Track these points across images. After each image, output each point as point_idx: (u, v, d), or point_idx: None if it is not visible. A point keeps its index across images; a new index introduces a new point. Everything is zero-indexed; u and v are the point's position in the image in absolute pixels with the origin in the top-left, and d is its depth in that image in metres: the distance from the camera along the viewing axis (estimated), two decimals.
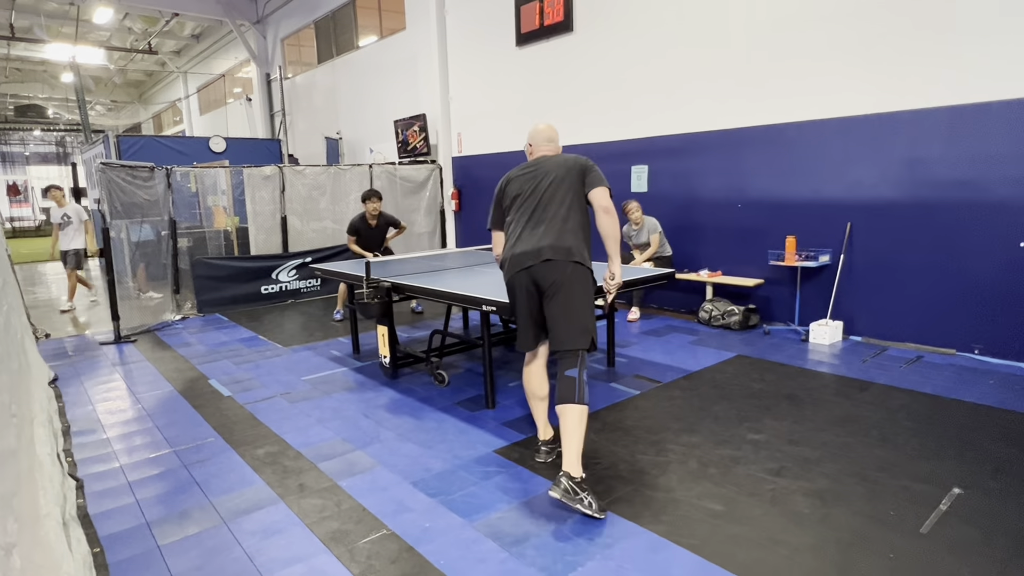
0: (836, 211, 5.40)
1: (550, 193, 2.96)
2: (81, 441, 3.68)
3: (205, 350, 5.71)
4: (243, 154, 11.23)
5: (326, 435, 3.64)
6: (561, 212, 2.93)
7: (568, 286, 2.84)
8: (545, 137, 3.16)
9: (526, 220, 2.99)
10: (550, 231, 2.89)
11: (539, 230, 2.92)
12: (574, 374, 2.78)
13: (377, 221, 6.39)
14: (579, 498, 2.59)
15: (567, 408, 2.75)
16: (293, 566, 2.37)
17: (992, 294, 4.63)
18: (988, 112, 4.51)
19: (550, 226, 2.91)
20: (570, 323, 2.83)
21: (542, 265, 2.86)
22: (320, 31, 12.95)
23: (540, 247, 2.87)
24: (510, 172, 3.17)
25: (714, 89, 6.15)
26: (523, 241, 2.94)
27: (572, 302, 2.84)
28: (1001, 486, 2.80)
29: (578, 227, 2.94)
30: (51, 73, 21.37)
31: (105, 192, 6.18)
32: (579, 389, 2.76)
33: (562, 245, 2.86)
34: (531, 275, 2.90)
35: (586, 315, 2.86)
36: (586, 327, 2.84)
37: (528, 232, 2.95)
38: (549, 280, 2.86)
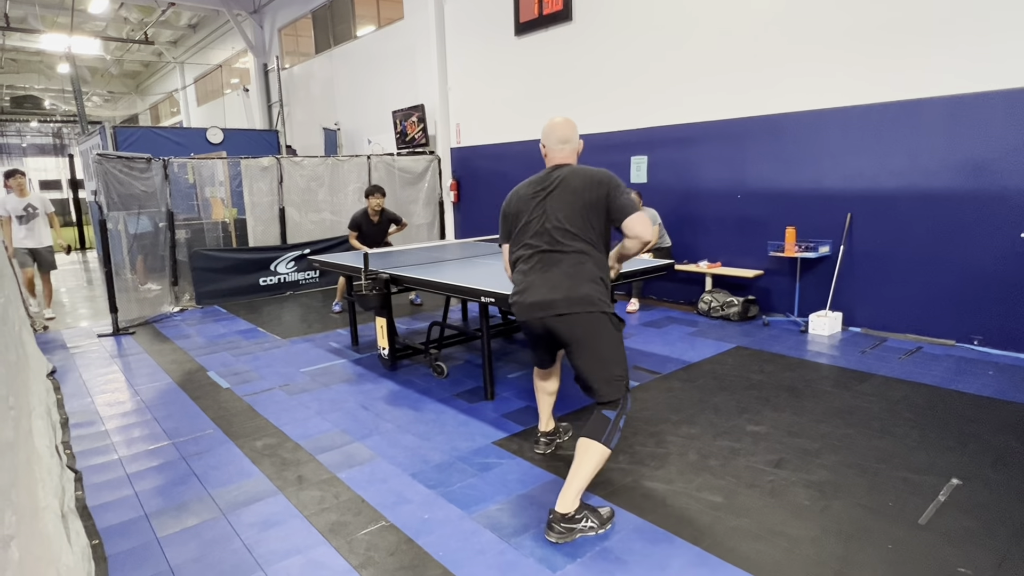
0: (836, 202, 5.38)
1: (563, 227, 2.52)
2: (80, 433, 3.67)
3: (204, 342, 5.70)
4: (241, 145, 11.18)
5: (325, 427, 3.63)
6: (575, 251, 2.51)
7: (593, 339, 2.48)
8: (558, 137, 2.65)
9: (536, 259, 2.58)
10: (564, 278, 2.49)
11: (551, 274, 2.52)
12: (611, 415, 2.46)
13: (379, 217, 6.37)
14: (577, 529, 2.42)
15: (590, 444, 2.42)
16: (292, 557, 2.37)
17: (992, 285, 4.62)
18: (988, 101, 4.48)
19: (563, 271, 2.50)
20: (601, 375, 2.49)
21: (556, 320, 2.50)
22: (317, 21, 12.84)
23: (553, 299, 2.48)
24: (518, 187, 2.74)
25: (714, 79, 6.10)
26: (534, 288, 2.55)
27: (600, 354, 2.49)
28: (1000, 477, 2.80)
29: (596, 267, 2.53)
30: (47, 64, 21.22)
31: (102, 183, 6.15)
32: (610, 432, 2.44)
33: (577, 295, 2.47)
34: (545, 325, 2.56)
35: (617, 364, 2.50)
36: (618, 375, 2.50)
37: (539, 275, 2.55)
38: (568, 334, 2.51)
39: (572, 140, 2.68)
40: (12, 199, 6.53)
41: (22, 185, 6.63)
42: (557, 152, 2.67)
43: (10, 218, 6.43)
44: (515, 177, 9.84)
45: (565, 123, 2.69)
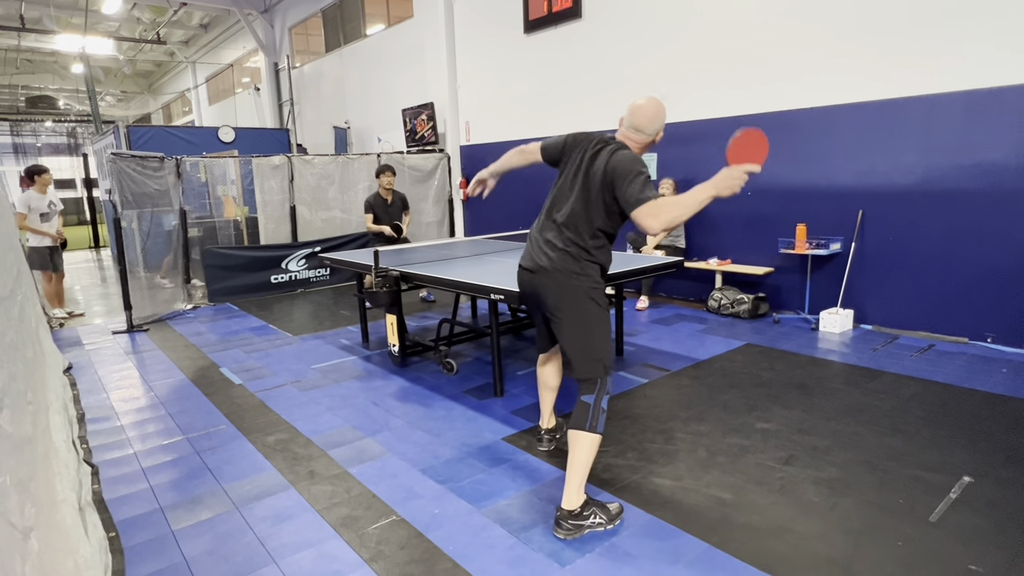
0: (848, 199, 5.34)
1: (581, 197, 2.47)
2: (96, 428, 3.73)
3: (216, 339, 5.76)
4: (252, 144, 11.26)
5: (336, 423, 3.67)
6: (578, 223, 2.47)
7: (568, 309, 2.49)
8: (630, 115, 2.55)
9: (545, 220, 2.59)
10: (558, 246, 2.49)
11: (548, 237, 2.53)
12: (590, 400, 2.46)
13: (392, 197, 6.45)
14: (586, 526, 2.43)
15: (577, 435, 2.45)
16: (304, 551, 2.40)
17: (1006, 282, 4.58)
18: (1002, 97, 4.43)
19: (561, 238, 2.49)
20: (579, 349, 2.49)
21: (541, 283, 2.53)
22: (327, 19, 12.90)
23: (541, 265, 2.51)
24: (590, 134, 2.61)
25: (724, 75, 6.08)
26: (531, 251, 2.60)
27: (573, 328, 2.49)
28: (1013, 475, 2.78)
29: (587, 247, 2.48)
30: (61, 64, 21.45)
31: (116, 182, 6.22)
32: (592, 416, 2.44)
33: (566, 266, 2.47)
34: (533, 287, 2.59)
35: (597, 342, 2.48)
36: (596, 355, 2.48)
37: (538, 236, 2.58)
38: (546, 301, 2.54)
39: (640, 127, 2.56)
40: (35, 196, 6.47)
41: (48, 183, 6.55)
42: (624, 129, 2.60)
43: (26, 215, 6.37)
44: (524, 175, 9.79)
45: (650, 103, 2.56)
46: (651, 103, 2.56)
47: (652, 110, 2.55)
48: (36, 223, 6.46)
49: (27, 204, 6.40)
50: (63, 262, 6.93)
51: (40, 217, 6.48)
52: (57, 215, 6.69)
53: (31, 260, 6.32)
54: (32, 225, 6.42)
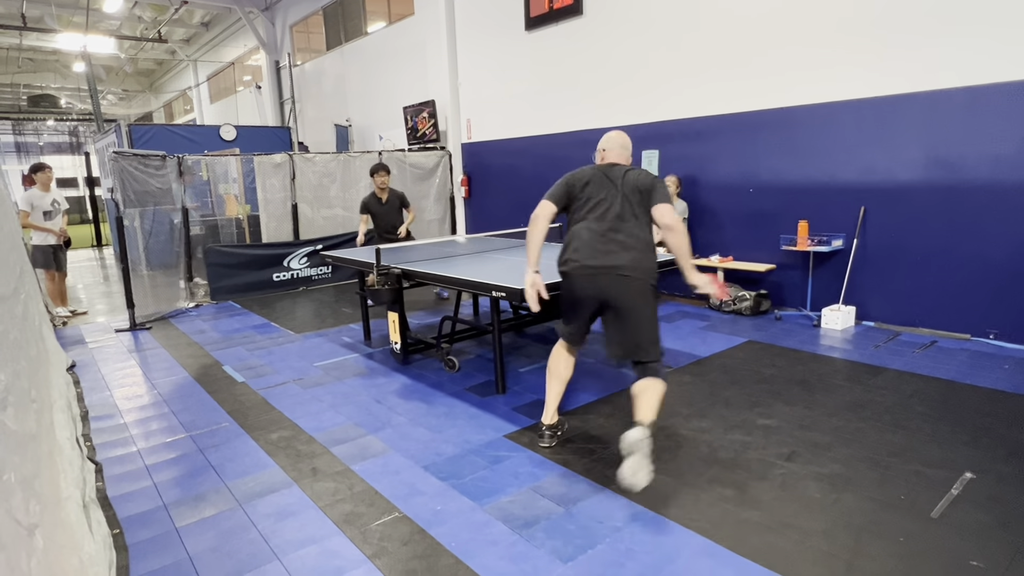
0: (849, 195, 5.33)
1: (629, 208, 2.95)
2: (99, 426, 3.75)
3: (219, 337, 5.78)
4: (253, 142, 11.27)
5: (338, 420, 3.68)
6: (637, 229, 2.94)
7: (643, 304, 2.90)
8: (619, 144, 3.15)
9: (601, 228, 2.95)
10: (629, 248, 2.90)
11: (615, 244, 2.91)
12: (659, 370, 2.91)
13: (387, 196, 6.35)
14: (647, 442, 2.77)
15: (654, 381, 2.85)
16: (307, 547, 2.41)
17: (1008, 278, 4.57)
18: (1007, 93, 4.42)
19: (628, 242, 2.91)
20: (650, 337, 2.92)
21: (617, 280, 2.87)
22: (328, 17, 12.89)
23: (618, 264, 2.87)
24: (584, 168, 3.12)
25: (726, 72, 6.06)
26: (599, 253, 2.91)
27: (646, 318, 2.92)
28: (1014, 471, 2.78)
29: (650, 246, 2.98)
30: (63, 63, 21.47)
31: (118, 181, 6.24)
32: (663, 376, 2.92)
33: (642, 265, 2.90)
34: (600, 286, 2.90)
35: (657, 329, 2.97)
36: (657, 339, 2.96)
37: (602, 243, 2.92)
38: (623, 297, 2.88)
39: (629, 148, 3.18)
40: (37, 194, 6.44)
41: (50, 180, 6.51)
42: (616, 153, 3.13)
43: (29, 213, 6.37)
44: (526, 171, 9.79)
45: (624, 135, 3.19)
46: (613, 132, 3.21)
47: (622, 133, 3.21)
48: (39, 221, 6.47)
49: (30, 202, 6.41)
50: (66, 262, 6.94)
51: (44, 215, 6.49)
52: (61, 213, 6.69)
53: (34, 259, 6.35)
54: (35, 223, 6.43)
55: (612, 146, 3.15)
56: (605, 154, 3.16)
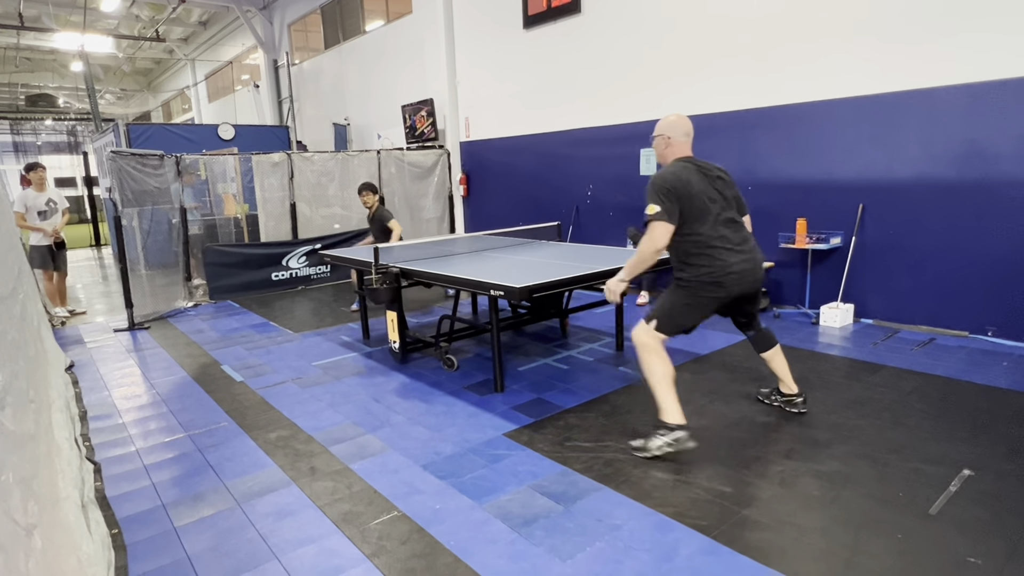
0: (848, 192, 5.33)
1: (736, 205, 3.09)
2: (98, 426, 3.75)
3: (217, 336, 5.77)
4: (252, 141, 11.25)
5: (337, 419, 3.68)
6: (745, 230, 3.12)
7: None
8: (684, 131, 3.04)
9: (730, 231, 3.00)
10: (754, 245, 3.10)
11: (747, 244, 3.04)
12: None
13: (371, 214, 6.41)
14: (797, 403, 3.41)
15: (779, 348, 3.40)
16: (306, 547, 2.41)
17: (1006, 275, 4.57)
18: (1004, 90, 4.42)
19: (750, 239, 3.09)
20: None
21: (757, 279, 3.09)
22: (326, 16, 12.87)
23: (756, 265, 3.05)
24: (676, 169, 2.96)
25: (724, 70, 6.06)
26: (742, 257, 2.98)
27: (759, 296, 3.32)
28: (1013, 468, 2.79)
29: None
30: (60, 62, 21.43)
31: (116, 180, 6.23)
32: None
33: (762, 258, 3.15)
34: (746, 287, 3.04)
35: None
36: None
37: (738, 246, 2.99)
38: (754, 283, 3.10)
39: (692, 135, 3.08)
40: (31, 194, 6.44)
41: (43, 179, 6.51)
42: (684, 143, 3.06)
43: (24, 214, 6.34)
44: (524, 170, 9.78)
45: (686, 120, 3.08)
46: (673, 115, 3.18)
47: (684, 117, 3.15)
48: (34, 222, 6.44)
49: (23, 203, 6.39)
50: (66, 262, 6.93)
51: (38, 215, 6.46)
52: (60, 212, 6.67)
53: (32, 259, 6.34)
54: (30, 223, 6.41)
55: (677, 133, 3.05)
56: (670, 142, 3.05)
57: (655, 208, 2.87)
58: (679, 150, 3.05)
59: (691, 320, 3.09)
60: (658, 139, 3.11)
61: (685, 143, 3.05)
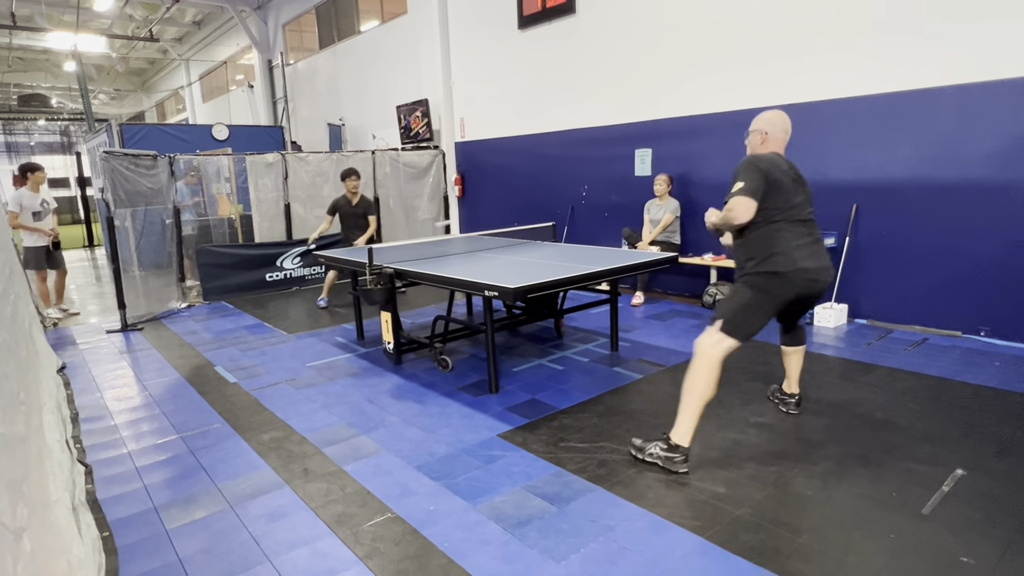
0: (842, 193, 5.35)
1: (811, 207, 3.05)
2: (89, 428, 3.72)
3: (211, 337, 5.75)
4: (246, 141, 11.21)
5: (331, 420, 3.67)
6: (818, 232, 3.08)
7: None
8: (783, 128, 3.03)
9: (806, 230, 2.97)
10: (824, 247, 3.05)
11: (819, 245, 3.00)
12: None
13: (357, 199, 6.55)
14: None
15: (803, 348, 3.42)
16: (299, 549, 2.40)
17: (999, 276, 4.59)
18: (997, 92, 4.44)
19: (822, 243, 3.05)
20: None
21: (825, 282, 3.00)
22: (321, 16, 12.84)
23: (827, 266, 2.98)
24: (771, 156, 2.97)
25: (718, 70, 6.07)
26: (813, 256, 2.93)
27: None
28: (1005, 467, 2.80)
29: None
30: (53, 62, 21.32)
31: (109, 181, 6.19)
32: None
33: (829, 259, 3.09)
34: (812, 289, 2.96)
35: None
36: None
37: (810, 245, 2.95)
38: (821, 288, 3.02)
39: (790, 133, 3.08)
40: (27, 195, 6.39)
41: (41, 181, 6.45)
42: (781, 140, 3.04)
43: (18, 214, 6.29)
44: (519, 171, 9.75)
45: (787, 119, 3.07)
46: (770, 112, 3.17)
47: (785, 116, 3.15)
48: (28, 222, 6.40)
49: (19, 203, 6.34)
50: (64, 260, 6.90)
51: (33, 216, 6.43)
52: (51, 214, 6.64)
53: (26, 260, 6.30)
54: (25, 224, 6.37)
55: (775, 131, 3.02)
56: (766, 139, 3.03)
57: (739, 184, 2.84)
58: (774, 147, 3.04)
59: (760, 320, 2.88)
60: (754, 134, 3.08)
61: (782, 141, 3.04)
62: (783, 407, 3.50)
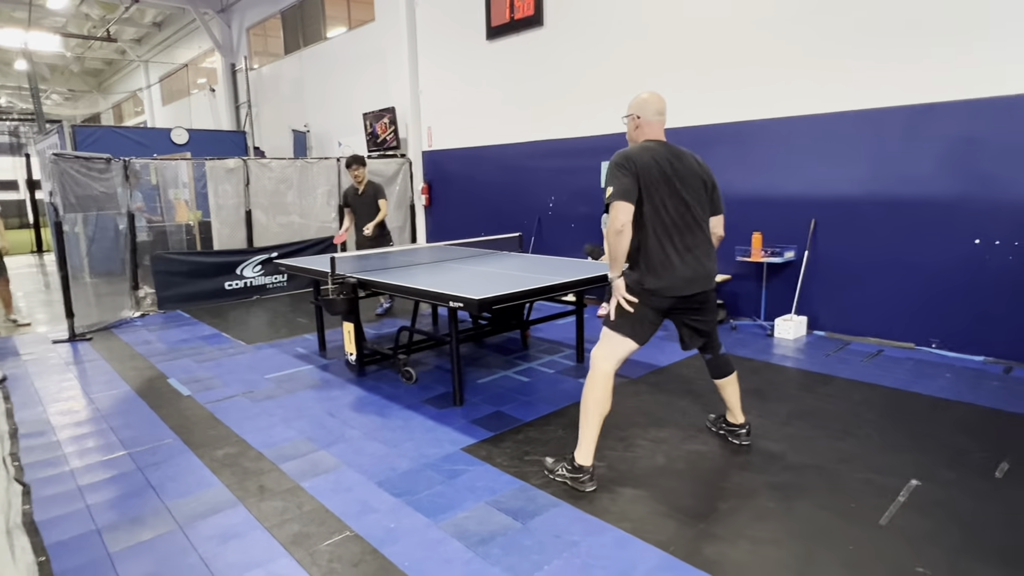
0: (801, 207, 5.48)
1: (698, 205, 2.77)
2: (29, 444, 3.52)
3: (165, 348, 5.54)
4: (207, 146, 10.93)
5: (289, 435, 3.55)
6: (706, 229, 2.85)
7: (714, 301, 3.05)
8: (655, 109, 2.76)
9: (681, 234, 2.72)
10: (708, 253, 2.84)
11: (698, 251, 2.78)
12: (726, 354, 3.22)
13: (364, 188, 6.30)
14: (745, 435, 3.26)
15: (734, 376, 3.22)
16: (252, 571, 2.30)
17: (949, 289, 4.76)
18: (946, 112, 4.62)
19: (706, 247, 2.83)
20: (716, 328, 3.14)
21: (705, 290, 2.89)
22: (287, 21, 12.66)
23: (709, 273, 2.85)
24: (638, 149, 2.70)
25: (680, 87, 6.17)
26: (687, 264, 2.73)
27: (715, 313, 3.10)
28: (956, 476, 2.87)
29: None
30: (3, 60, 20.48)
31: (58, 184, 5.94)
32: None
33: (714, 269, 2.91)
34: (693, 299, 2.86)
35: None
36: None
37: (687, 252, 2.74)
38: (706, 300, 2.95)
39: (665, 113, 2.82)
40: None
41: None
42: (655, 122, 2.80)
43: None
44: (487, 181, 9.72)
45: (660, 98, 2.81)
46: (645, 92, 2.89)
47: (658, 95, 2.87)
48: None
49: None
50: (6, 267, 6.56)
51: None
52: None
53: None
54: None
55: (648, 112, 2.76)
56: (640, 123, 2.78)
57: (610, 189, 2.63)
58: (650, 131, 2.79)
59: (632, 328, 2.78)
60: (628, 120, 2.85)
61: (657, 123, 2.78)
62: (733, 439, 3.28)
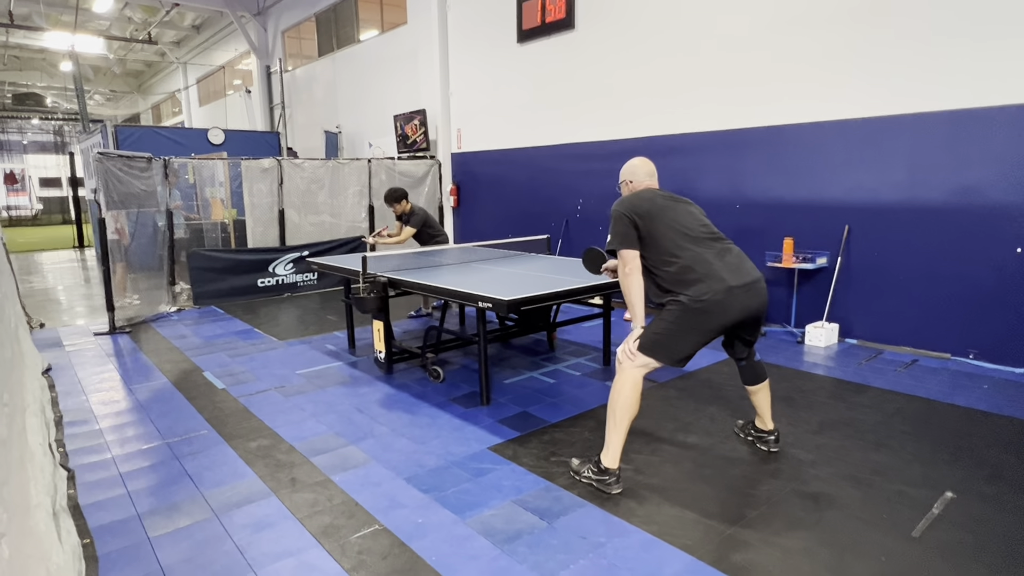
0: (834, 213, 5.39)
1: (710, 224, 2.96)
2: (73, 431, 3.66)
3: (200, 342, 5.69)
4: (241, 146, 11.19)
5: (319, 429, 3.63)
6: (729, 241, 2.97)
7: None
8: (646, 172, 3.09)
9: (709, 242, 2.86)
10: (743, 256, 2.94)
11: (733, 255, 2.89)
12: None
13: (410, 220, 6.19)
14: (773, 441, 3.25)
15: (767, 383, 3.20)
16: (284, 560, 2.36)
17: (988, 299, 4.64)
18: (990, 117, 4.51)
19: (739, 251, 2.95)
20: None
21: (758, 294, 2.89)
22: (321, 24, 12.89)
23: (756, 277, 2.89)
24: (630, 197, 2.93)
25: (715, 90, 6.13)
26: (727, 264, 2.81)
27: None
28: (994, 491, 2.80)
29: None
30: (50, 62, 21.25)
31: (102, 182, 6.15)
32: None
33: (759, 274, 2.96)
34: (746, 305, 2.83)
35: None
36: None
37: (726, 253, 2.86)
38: (760, 304, 2.92)
39: (656, 175, 3.13)
40: None
41: None
42: (648, 182, 3.08)
43: None
44: (515, 183, 9.79)
45: (648, 162, 3.13)
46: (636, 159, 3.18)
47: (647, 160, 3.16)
48: None
49: None
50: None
51: None
52: None
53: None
54: None
55: (640, 175, 3.06)
56: (633, 186, 3.05)
57: (609, 237, 2.87)
58: (645, 185, 3.06)
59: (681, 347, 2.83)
60: (622, 186, 3.12)
61: (648, 183, 3.06)
62: (762, 445, 3.26)
